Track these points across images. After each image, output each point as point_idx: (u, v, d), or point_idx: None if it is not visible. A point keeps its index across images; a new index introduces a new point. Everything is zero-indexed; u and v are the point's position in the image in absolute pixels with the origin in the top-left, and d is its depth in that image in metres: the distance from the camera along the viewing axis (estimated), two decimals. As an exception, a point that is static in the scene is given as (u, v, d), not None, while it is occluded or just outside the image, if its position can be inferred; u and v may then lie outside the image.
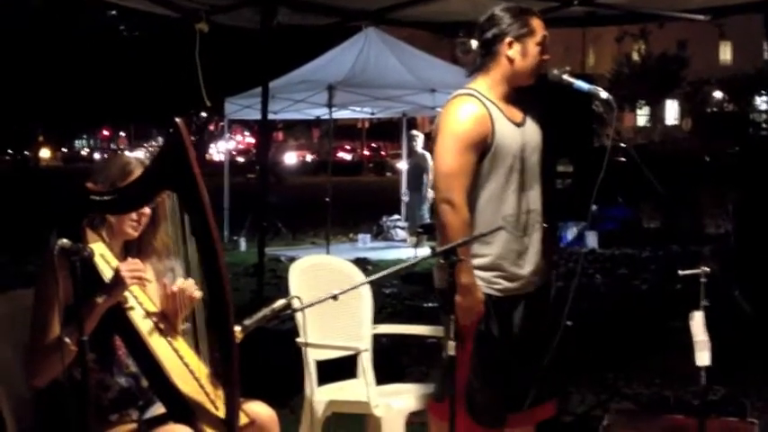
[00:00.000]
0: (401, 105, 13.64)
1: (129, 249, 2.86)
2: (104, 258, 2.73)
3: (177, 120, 2.52)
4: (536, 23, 3.24)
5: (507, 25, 3.22)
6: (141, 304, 2.77)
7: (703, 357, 3.01)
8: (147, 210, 2.80)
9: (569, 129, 3.74)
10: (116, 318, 2.68)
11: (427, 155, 12.98)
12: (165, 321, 2.80)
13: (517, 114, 3.28)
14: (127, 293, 2.72)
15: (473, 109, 3.18)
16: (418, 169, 13.19)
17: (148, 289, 2.85)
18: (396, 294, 8.67)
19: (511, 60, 3.22)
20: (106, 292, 2.62)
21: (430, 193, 12.93)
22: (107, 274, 2.68)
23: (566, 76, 3.26)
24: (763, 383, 5.06)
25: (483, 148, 3.17)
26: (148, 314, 2.76)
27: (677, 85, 39.79)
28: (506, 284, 3.24)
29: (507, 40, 3.21)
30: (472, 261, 3.17)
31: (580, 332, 6.08)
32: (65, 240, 2.41)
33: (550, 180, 3.47)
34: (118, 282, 2.63)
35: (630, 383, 5.17)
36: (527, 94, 3.34)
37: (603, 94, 3.18)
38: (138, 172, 2.73)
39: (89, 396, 2.46)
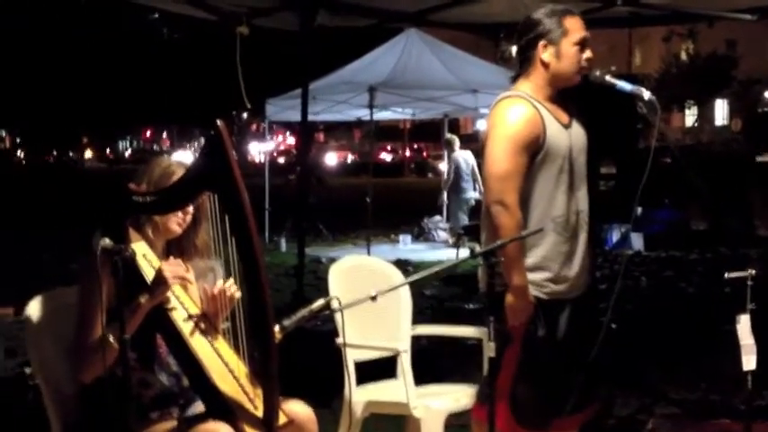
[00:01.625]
0: (443, 106, 13.60)
1: (171, 249, 2.89)
2: (146, 258, 2.76)
3: (218, 122, 2.54)
4: (571, 23, 3.20)
5: (540, 28, 3.20)
6: (183, 304, 2.79)
7: (750, 361, 2.96)
8: (190, 208, 2.82)
9: (613, 130, 3.70)
10: (157, 317, 2.70)
11: (466, 155, 12.93)
12: (206, 321, 2.82)
13: (564, 116, 3.27)
14: (168, 293, 2.74)
15: (523, 110, 3.16)
16: (458, 171, 13.14)
17: (190, 289, 2.88)
18: (436, 296, 8.65)
19: (546, 64, 3.20)
20: (149, 292, 2.65)
21: (469, 195, 12.89)
22: (149, 274, 2.71)
23: (608, 78, 3.23)
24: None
25: (535, 149, 3.15)
26: (189, 314, 2.79)
27: (726, 84, 39.20)
28: (553, 287, 3.21)
29: (541, 43, 3.19)
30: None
31: (625, 335, 6.04)
32: (107, 240, 2.43)
33: (594, 182, 3.43)
34: (160, 282, 2.65)
35: (676, 388, 5.10)
36: (571, 96, 3.32)
37: (646, 95, 3.14)
38: (179, 174, 2.76)
39: (130, 394, 2.49)
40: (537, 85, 3.22)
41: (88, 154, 51.91)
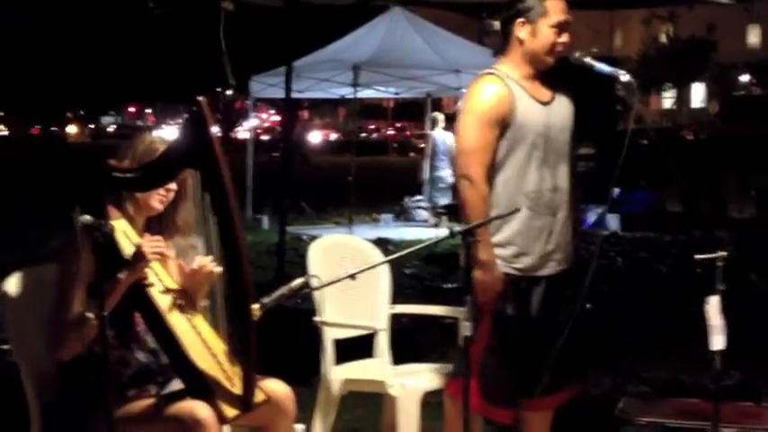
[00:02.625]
0: (426, 86, 13.62)
1: (152, 226, 2.90)
2: (126, 235, 2.77)
3: (200, 99, 2.55)
4: (552, 5, 3.26)
5: (521, 6, 3.26)
6: (162, 281, 2.81)
7: (718, 341, 3.02)
8: (172, 185, 2.84)
9: (592, 112, 3.75)
10: (136, 294, 2.72)
11: (446, 135, 12.96)
12: (185, 298, 2.84)
13: (545, 94, 3.32)
14: (147, 270, 2.77)
15: (494, 88, 3.25)
16: (434, 149, 13.23)
17: (169, 266, 2.89)
18: (416, 275, 8.69)
19: (521, 41, 3.27)
20: (128, 267, 2.67)
21: (441, 173, 12.95)
22: (129, 251, 2.72)
23: (587, 59, 3.28)
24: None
25: (503, 126, 3.22)
26: (168, 291, 2.81)
27: (705, 68, 39.35)
28: (525, 262, 3.26)
29: (519, 20, 3.26)
30: (492, 238, 3.20)
31: (599, 315, 6.11)
32: (87, 217, 2.44)
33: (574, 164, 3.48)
34: (139, 257, 2.67)
35: (648, 367, 5.17)
36: (558, 76, 3.37)
37: (625, 77, 3.19)
38: (161, 150, 2.77)
39: (109, 371, 2.51)
40: (515, 62, 3.30)
41: (72, 129, 51.51)
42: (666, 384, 4.61)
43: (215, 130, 2.68)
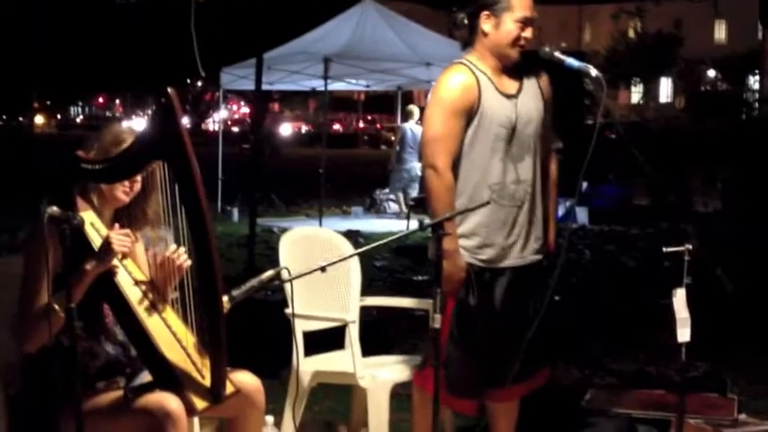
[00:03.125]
0: (397, 78, 13.63)
1: (120, 218, 2.87)
2: (94, 227, 2.75)
3: (168, 90, 2.54)
4: (517, 1, 3.28)
5: None
6: (130, 273, 2.79)
7: (684, 334, 3.05)
8: (138, 177, 2.81)
9: (560, 106, 3.78)
10: (104, 286, 2.70)
11: (417, 129, 12.98)
12: (154, 290, 2.83)
13: (511, 86, 3.35)
14: (116, 262, 2.75)
15: (461, 77, 3.29)
16: (402, 141, 13.29)
17: (138, 258, 2.88)
18: (386, 267, 8.71)
19: (486, 33, 3.31)
20: (95, 259, 2.65)
21: (409, 165, 12.98)
22: (97, 243, 2.70)
23: (557, 54, 3.31)
24: (745, 361, 5.11)
25: (469, 116, 3.26)
26: (137, 283, 2.79)
27: (672, 63, 39.72)
28: (488, 254, 3.28)
29: (485, 13, 3.30)
30: (457, 229, 3.23)
31: (567, 307, 6.16)
32: (54, 208, 2.43)
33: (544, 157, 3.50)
34: (107, 250, 2.65)
35: (615, 359, 5.22)
36: (529, 70, 3.40)
37: (593, 72, 3.22)
38: (129, 141, 2.75)
39: (77, 363, 2.50)
40: (481, 54, 3.34)
41: (39, 119, 50.95)
42: (633, 376, 4.66)
43: (184, 121, 2.67)
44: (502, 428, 3.53)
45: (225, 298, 2.69)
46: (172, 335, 2.76)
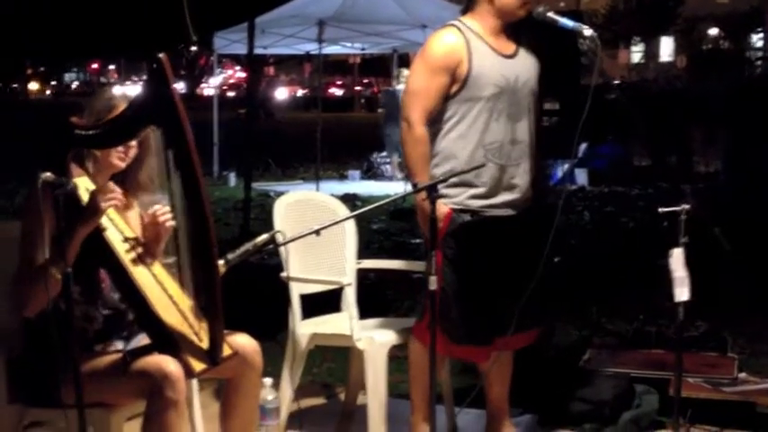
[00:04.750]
0: (392, 41, 13.55)
1: (115, 184, 2.86)
2: (89, 192, 2.74)
3: (160, 55, 2.52)
4: None
5: None
6: (125, 236, 2.79)
7: (682, 293, 3.06)
8: (133, 142, 2.80)
9: (555, 67, 3.76)
10: (100, 250, 2.70)
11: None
12: (149, 253, 2.82)
13: (509, 47, 3.36)
14: (111, 226, 2.74)
15: (448, 37, 3.30)
16: (393, 102, 13.21)
17: (132, 223, 2.87)
18: (383, 230, 8.71)
19: (491, 0, 3.29)
20: (83, 217, 2.63)
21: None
22: None
23: (550, 14, 3.32)
24: (745, 320, 5.13)
25: (454, 75, 3.27)
26: (132, 246, 2.79)
27: (672, 21, 39.45)
28: (481, 203, 3.29)
29: None
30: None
31: (566, 268, 6.17)
32: (48, 174, 2.43)
33: (538, 118, 3.50)
34: (94, 206, 2.64)
35: (613, 319, 5.23)
36: (524, 30, 3.39)
37: (588, 32, 3.22)
38: (122, 107, 2.74)
39: (74, 327, 2.50)
40: (481, 16, 3.33)
41: (33, 85, 50.72)
42: (632, 336, 4.67)
43: (179, 86, 2.64)
44: (497, 390, 3.56)
45: (221, 261, 2.69)
46: (168, 298, 2.76)
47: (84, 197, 2.69)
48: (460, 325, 3.28)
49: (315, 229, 2.82)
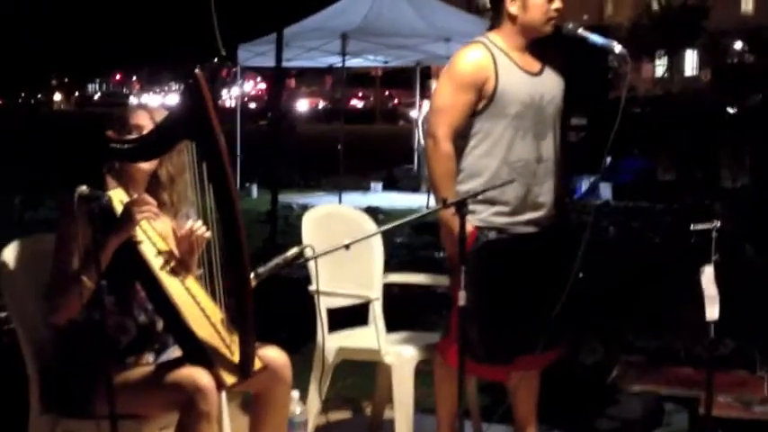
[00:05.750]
0: (415, 54, 13.58)
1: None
2: (122, 204, 2.76)
3: (197, 71, 2.54)
4: None
5: None
6: (159, 251, 2.81)
7: (712, 312, 3.03)
8: None
9: (583, 82, 3.76)
10: (135, 262, 2.73)
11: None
12: (182, 267, 2.84)
13: (534, 65, 3.35)
14: (145, 239, 2.76)
15: (476, 54, 3.30)
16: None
17: (167, 235, 2.89)
18: (406, 244, 8.70)
19: (513, 17, 3.29)
20: (117, 226, 2.65)
21: None
22: None
23: (580, 31, 3.31)
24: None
25: (481, 93, 3.26)
26: (166, 259, 2.80)
27: (697, 35, 39.24)
28: (505, 220, 3.28)
29: None
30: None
31: (591, 284, 6.13)
32: (83, 188, 2.46)
33: (564, 133, 3.49)
34: (128, 216, 2.66)
35: (641, 336, 5.20)
36: (549, 47, 3.38)
37: (618, 48, 3.21)
38: (150, 121, 2.78)
39: (108, 338, 2.53)
40: (507, 34, 3.33)
41: (57, 96, 51.17)
42: (659, 353, 4.64)
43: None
44: (524, 407, 3.54)
45: (251, 275, 2.70)
46: (201, 311, 2.78)
47: (119, 209, 2.72)
48: (480, 344, 3.26)
49: (345, 244, 2.82)
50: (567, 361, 3.71)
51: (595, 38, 3.25)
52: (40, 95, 42.33)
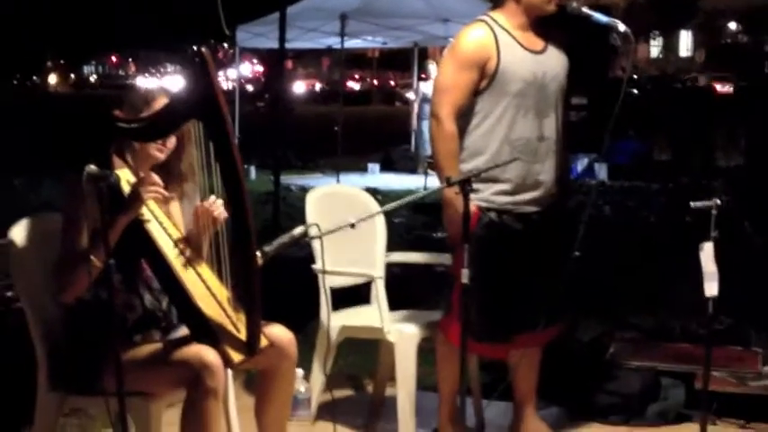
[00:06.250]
0: (413, 35, 13.55)
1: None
2: (130, 184, 2.78)
3: (203, 50, 2.56)
4: None
5: None
6: (165, 228, 2.83)
7: (711, 288, 3.07)
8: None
9: (584, 61, 3.78)
10: (142, 241, 2.75)
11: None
12: (189, 245, 2.87)
13: (537, 43, 3.36)
14: (149, 215, 2.79)
15: (477, 33, 3.31)
16: (425, 98, 13.23)
17: (173, 214, 2.92)
18: (405, 224, 8.73)
19: None
20: (124, 206, 2.68)
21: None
22: None
23: (584, 9, 3.31)
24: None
25: (483, 71, 3.27)
26: (172, 237, 2.83)
27: (692, 15, 39.15)
28: (506, 199, 3.31)
29: None
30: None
31: (588, 263, 6.17)
32: (92, 167, 2.47)
33: (565, 112, 3.51)
34: (135, 196, 2.68)
35: (637, 313, 5.24)
36: (553, 25, 3.40)
37: (621, 27, 3.22)
38: (160, 101, 2.79)
39: (116, 317, 2.56)
40: (510, 12, 3.34)
41: (52, 79, 50.95)
42: (656, 330, 4.69)
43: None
44: (524, 384, 3.58)
45: (257, 254, 2.72)
46: (207, 289, 2.81)
47: (126, 189, 2.74)
48: (479, 322, 3.28)
49: (350, 223, 2.85)
50: (565, 338, 3.75)
51: (600, 16, 3.27)
52: (35, 77, 42.14)
